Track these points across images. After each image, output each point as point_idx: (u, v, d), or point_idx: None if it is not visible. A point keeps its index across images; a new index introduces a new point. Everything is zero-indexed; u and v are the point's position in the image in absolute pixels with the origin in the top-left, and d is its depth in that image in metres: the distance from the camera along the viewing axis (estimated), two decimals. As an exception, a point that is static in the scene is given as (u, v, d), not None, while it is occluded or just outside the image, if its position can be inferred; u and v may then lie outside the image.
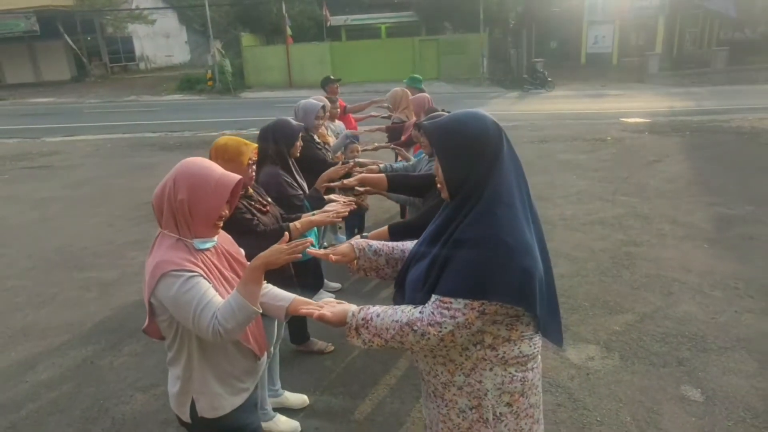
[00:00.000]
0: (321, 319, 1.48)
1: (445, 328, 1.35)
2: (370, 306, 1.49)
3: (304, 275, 3.08)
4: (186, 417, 1.73)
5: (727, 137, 10.50)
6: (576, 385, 3.14)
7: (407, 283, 1.54)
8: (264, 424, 2.65)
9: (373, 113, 6.36)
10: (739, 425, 2.74)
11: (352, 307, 1.49)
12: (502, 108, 16.68)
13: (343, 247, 1.70)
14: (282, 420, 2.83)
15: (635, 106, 16.04)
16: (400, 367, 3.37)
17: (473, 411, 1.48)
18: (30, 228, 6.51)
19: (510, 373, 1.46)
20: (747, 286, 4.23)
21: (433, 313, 1.36)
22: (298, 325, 3.52)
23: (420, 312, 1.39)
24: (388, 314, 1.43)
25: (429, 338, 1.37)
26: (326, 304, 1.53)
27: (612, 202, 6.63)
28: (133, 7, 30.74)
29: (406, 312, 1.41)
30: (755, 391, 2.99)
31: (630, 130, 11.73)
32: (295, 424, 2.84)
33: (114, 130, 14.51)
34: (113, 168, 9.80)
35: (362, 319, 1.44)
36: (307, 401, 3.06)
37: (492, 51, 26.42)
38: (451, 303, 1.34)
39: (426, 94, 4.69)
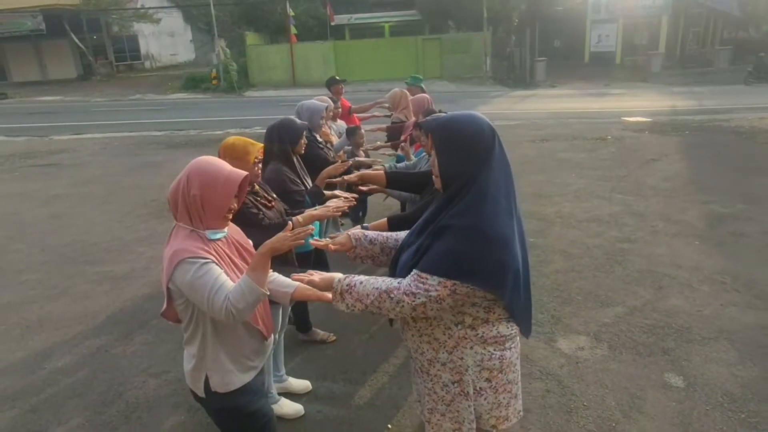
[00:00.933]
0: (310, 283, 1.67)
1: (418, 299, 1.52)
2: (356, 275, 1.67)
3: (306, 266, 3.26)
4: (200, 392, 1.90)
5: (726, 137, 10.62)
6: (565, 372, 3.31)
7: (398, 268, 1.72)
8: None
9: (376, 113, 6.54)
10: (717, 409, 2.91)
11: (339, 275, 1.68)
12: (504, 107, 16.80)
13: (342, 237, 1.90)
14: (286, 403, 3.01)
15: (637, 105, 16.14)
16: (399, 356, 3.54)
17: (455, 385, 1.66)
18: (42, 224, 6.72)
19: (489, 351, 1.63)
20: (734, 281, 4.39)
21: (410, 284, 1.54)
22: (301, 315, 3.71)
23: (398, 282, 1.57)
24: (370, 282, 1.61)
25: (403, 306, 1.55)
26: (315, 273, 1.71)
27: (609, 200, 6.79)
28: (139, 6, 30.98)
29: (386, 281, 1.60)
30: (734, 378, 3.16)
31: (631, 129, 11.86)
32: (298, 407, 3.02)
33: (120, 129, 14.72)
34: (121, 166, 10.01)
35: (347, 285, 1.62)
36: (310, 387, 3.24)
37: (495, 50, 26.53)
38: (427, 279, 1.52)
39: (426, 95, 4.85)
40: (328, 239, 1.93)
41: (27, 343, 3.92)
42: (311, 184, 3.28)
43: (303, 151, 3.30)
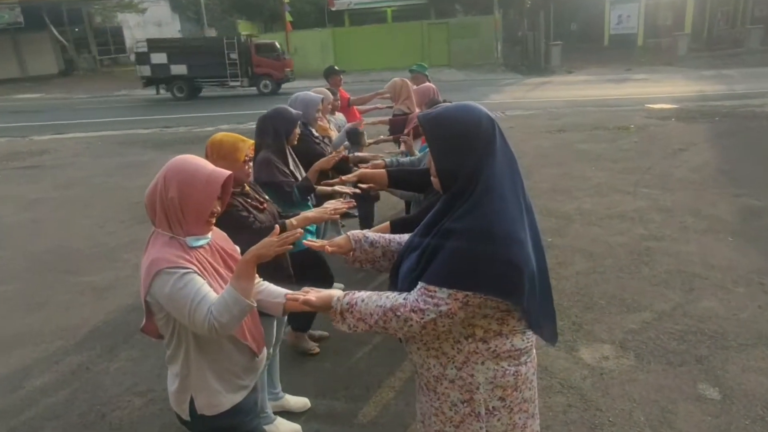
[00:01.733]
0: (306, 303, 1.60)
1: (428, 315, 1.45)
2: (356, 291, 1.60)
3: (310, 268, 3.22)
4: (185, 415, 1.85)
5: (759, 122, 10.52)
6: (589, 385, 3.25)
7: (400, 274, 1.65)
8: (265, 428, 2.77)
9: (378, 104, 6.49)
10: (758, 423, 2.84)
11: (337, 293, 1.61)
12: (518, 95, 16.73)
13: (340, 238, 1.83)
14: (282, 423, 2.96)
15: (662, 90, 16.05)
16: (405, 369, 3.48)
17: (465, 405, 1.59)
18: (22, 229, 6.72)
19: (502, 367, 1.56)
20: (772, 281, 4.32)
21: (417, 300, 1.47)
22: (305, 314, 3.64)
23: (404, 298, 1.50)
24: (372, 299, 1.54)
25: (411, 324, 1.48)
26: (311, 290, 1.65)
27: (633, 194, 6.71)
28: (123, -6, 31.12)
29: (390, 298, 1.53)
30: (775, 389, 3.09)
31: (655, 117, 11.77)
32: (296, 427, 2.96)
33: (105, 127, 14.77)
34: (104, 167, 10.03)
35: (347, 304, 1.55)
36: (309, 404, 3.19)
37: (506, 34, 26.43)
38: (435, 292, 1.45)
39: (431, 85, 4.79)
40: (325, 241, 1.87)
41: (7, 360, 3.89)
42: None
43: (296, 143, 3.28)
